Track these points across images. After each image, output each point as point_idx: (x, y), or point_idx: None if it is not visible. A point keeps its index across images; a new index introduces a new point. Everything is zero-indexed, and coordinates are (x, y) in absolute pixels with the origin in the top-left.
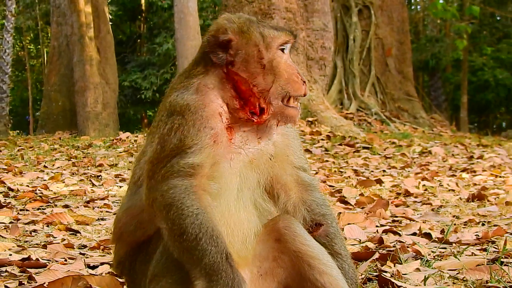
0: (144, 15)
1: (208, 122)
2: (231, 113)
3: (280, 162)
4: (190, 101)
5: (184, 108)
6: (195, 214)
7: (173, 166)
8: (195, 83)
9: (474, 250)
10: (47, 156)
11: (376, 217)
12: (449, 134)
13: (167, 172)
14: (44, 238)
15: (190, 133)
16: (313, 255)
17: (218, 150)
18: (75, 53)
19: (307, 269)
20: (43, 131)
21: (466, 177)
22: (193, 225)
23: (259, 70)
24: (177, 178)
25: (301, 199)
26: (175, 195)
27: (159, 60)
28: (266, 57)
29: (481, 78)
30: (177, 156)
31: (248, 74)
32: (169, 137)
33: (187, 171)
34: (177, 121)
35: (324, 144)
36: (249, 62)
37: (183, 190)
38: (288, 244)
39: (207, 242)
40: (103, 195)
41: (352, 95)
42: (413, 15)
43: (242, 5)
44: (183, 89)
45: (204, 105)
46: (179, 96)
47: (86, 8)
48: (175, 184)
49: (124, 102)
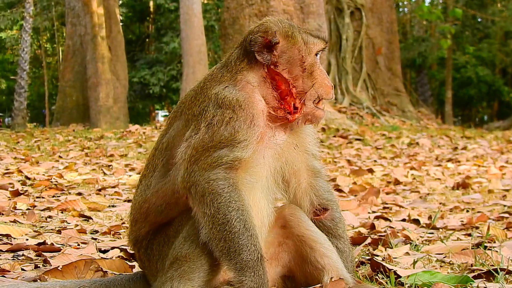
0: (152, 16)
1: (257, 120)
2: (269, 110)
3: (300, 151)
4: (240, 97)
5: (234, 103)
6: (241, 209)
7: (221, 158)
8: (241, 79)
9: (460, 235)
10: (62, 147)
11: (368, 204)
12: (435, 126)
13: (215, 162)
14: (59, 223)
15: (241, 128)
16: (315, 239)
17: (260, 147)
18: (88, 51)
19: (309, 251)
20: (58, 123)
21: (451, 167)
22: (238, 220)
23: (300, 73)
24: (224, 169)
25: (310, 184)
26: (224, 186)
27: (166, 58)
28: (307, 61)
29: (464, 75)
30: (225, 148)
31: (290, 76)
32: (219, 129)
33: (234, 164)
34: (227, 115)
35: (319, 136)
36: (292, 64)
37: (231, 183)
38: (292, 229)
39: (248, 239)
40: (114, 183)
41: (345, 91)
42: (401, 17)
43: (243, 7)
44: (229, 83)
45: (253, 103)
46: (226, 90)
47: (99, 10)
48: (223, 176)
49: (133, 96)
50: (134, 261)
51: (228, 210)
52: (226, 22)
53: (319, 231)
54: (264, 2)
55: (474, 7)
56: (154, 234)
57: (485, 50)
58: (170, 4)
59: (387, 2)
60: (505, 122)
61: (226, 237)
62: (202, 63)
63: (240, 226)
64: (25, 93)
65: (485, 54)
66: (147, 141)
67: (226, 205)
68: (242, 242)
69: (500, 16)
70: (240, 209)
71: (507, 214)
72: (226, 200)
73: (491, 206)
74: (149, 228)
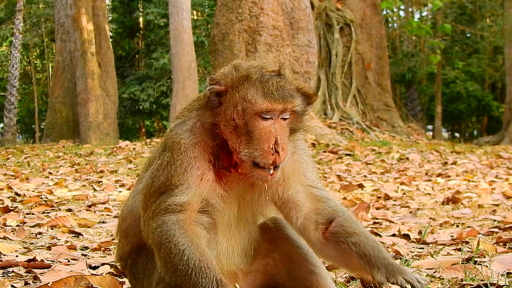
0: (142, 33)
1: (195, 162)
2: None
3: (290, 182)
4: (182, 139)
5: (175, 146)
6: (182, 250)
7: (161, 204)
8: (192, 118)
9: (450, 250)
10: (52, 163)
11: (358, 220)
12: (424, 141)
13: (156, 209)
14: (49, 240)
15: (177, 173)
16: (302, 255)
17: (206, 188)
18: (78, 67)
19: (296, 268)
20: (48, 140)
21: (441, 182)
22: (181, 262)
23: (233, 129)
24: (164, 215)
25: (313, 210)
26: (163, 233)
27: (156, 73)
28: (240, 120)
29: (453, 90)
30: (165, 194)
31: (225, 128)
32: (158, 173)
33: (174, 208)
34: (166, 158)
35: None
36: (227, 118)
37: (170, 226)
38: (279, 245)
39: (197, 275)
40: (104, 199)
41: (335, 106)
42: (391, 32)
43: (233, 23)
44: (181, 120)
45: (195, 144)
46: (175, 130)
47: (88, 26)
48: (163, 221)
49: (123, 112)
50: (124, 277)
51: (171, 257)
52: (216, 38)
53: (306, 246)
54: (254, 18)
55: (463, 22)
56: (137, 253)
57: (474, 65)
58: (160, 20)
59: (377, 17)
60: (495, 137)
61: (181, 282)
62: (192, 79)
63: (185, 268)
64: (15, 109)
65: (474, 69)
66: (137, 157)
67: (168, 253)
68: (193, 281)
69: (489, 31)
70: (180, 250)
71: (497, 229)
72: (167, 248)
73: (481, 220)
74: (132, 247)
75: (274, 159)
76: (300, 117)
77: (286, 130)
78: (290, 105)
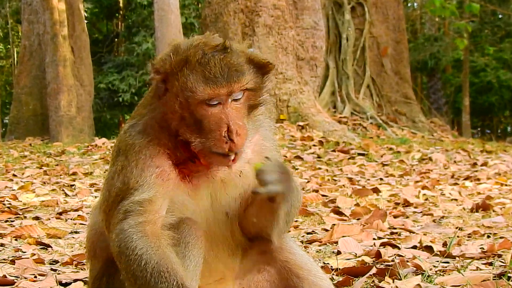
0: (122, 13)
1: (153, 160)
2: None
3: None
4: (136, 139)
5: (129, 148)
6: (139, 255)
7: (119, 211)
8: (145, 115)
9: (479, 264)
10: (17, 164)
11: (373, 229)
12: (450, 139)
13: (115, 219)
14: (12, 252)
15: (133, 175)
16: (302, 265)
17: (169, 187)
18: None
19: (296, 281)
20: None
21: (469, 186)
22: (139, 268)
23: (180, 119)
24: (123, 221)
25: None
26: (121, 241)
27: (138, 60)
28: (185, 110)
29: (483, 80)
30: (123, 200)
31: (172, 119)
32: (113, 181)
33: (133, 209)
34: (120, 163)
35: (316, 150)
36: (172, 108)
37: (128, 231)
38: (275, 254)
39: (156, 280)
40: (77, 206)
41: (346, 98)
42: (410, 13)
43: (227, 2)
44: (135, 120)
45: (149, 142)
46: (128, 131)
47: (60, 5)
48: (121, 228)
49: (100, 105)
50: None
51: (130, 265)
52: (208, 19)
53: (305, 255)
54: None
55: (493, 1)
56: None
57: (507, 51)
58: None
59: None
60: None
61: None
62: None
63: (144, 275)
64: None
65: (507, 56)
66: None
67: (127, 261)
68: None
69: None
70: (138, 256)
71: None
72: (126, 256)
73: None
74: (102, 264)
75: (229, 147)
76: (257, 92)
77: (241, 111)
78: (237, 85)
